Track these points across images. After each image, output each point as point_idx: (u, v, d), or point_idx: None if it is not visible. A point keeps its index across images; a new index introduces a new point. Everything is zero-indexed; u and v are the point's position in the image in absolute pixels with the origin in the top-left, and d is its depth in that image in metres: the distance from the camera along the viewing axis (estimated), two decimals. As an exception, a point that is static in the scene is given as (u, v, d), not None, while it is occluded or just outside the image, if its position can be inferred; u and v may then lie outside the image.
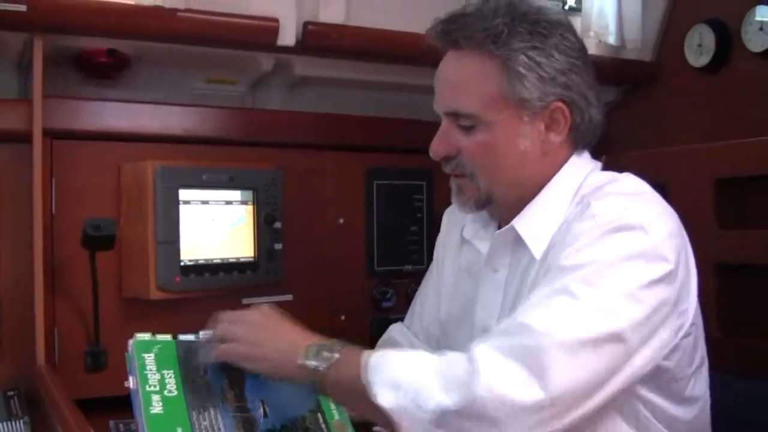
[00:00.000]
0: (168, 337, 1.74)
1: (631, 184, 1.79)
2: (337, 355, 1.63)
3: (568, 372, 1.49)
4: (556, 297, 1.56)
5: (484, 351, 1.51)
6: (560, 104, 1.75)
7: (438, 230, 2.85)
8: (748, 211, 2.65)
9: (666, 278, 1.62)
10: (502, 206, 1.84)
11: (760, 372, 2.29)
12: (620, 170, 1.85)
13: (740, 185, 2.63)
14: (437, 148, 1.84)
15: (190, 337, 1.77)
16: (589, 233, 1.63)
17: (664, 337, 1.64)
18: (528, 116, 1.74)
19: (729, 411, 1.91)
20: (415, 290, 2.82)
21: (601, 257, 1.58)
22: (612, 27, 2.82)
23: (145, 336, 1.73)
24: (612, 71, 3.00)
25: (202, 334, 1.78)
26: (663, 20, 3.10)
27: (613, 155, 1.89)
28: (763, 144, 2.53)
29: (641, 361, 1.59)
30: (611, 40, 2.83)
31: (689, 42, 3.00)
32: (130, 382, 1.62)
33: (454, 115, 1.78)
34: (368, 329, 2.76)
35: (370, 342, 2.68)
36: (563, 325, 1.51)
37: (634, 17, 2.89)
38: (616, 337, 1.54)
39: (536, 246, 1.77)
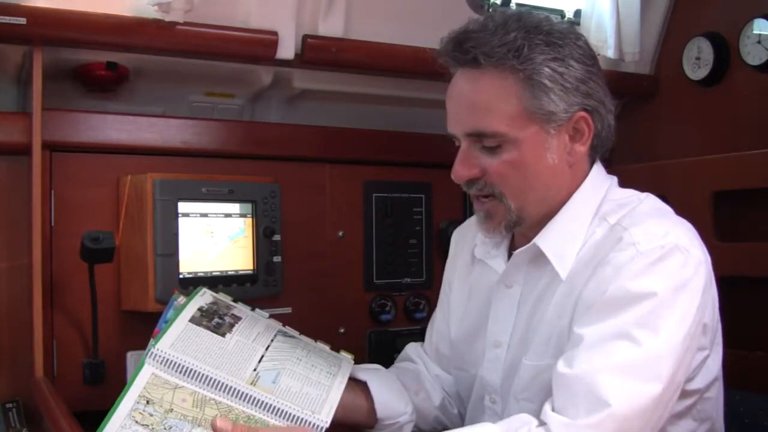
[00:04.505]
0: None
1: (656, 204, 1.80)
2: None
3: (642, 429, 1.55)
4: (617, 342, 1.57)
5: (563, 427, 1.52)
6: (583, 114, 1.72)
7: (437, 243, 2.88)
8: (746, 224, 2.65)
9: (704, 301, 1.66)
10: (531, 223, 1.79)
11: (760, 385, 2.29)
12: (618, 183, 1.85)
13: (738, 198, 2.63)
14: (461, 171, 1.76)
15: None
16: (633, 263, 1.62)
17: (693, 363, 1.71)
18: (554, 129, 1.71)
19: (727, 423, 1.91)
20: (414, 303, 2.84)
21: (652, 291, 1.59)
22: (610, 40, 2.82)
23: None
24: (610, 84, 2.99)
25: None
26: (661, 33, 3.11)
27: (611, 168, 1.89)
28: (761, 157, 2.54)
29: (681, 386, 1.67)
30: (609, 53, 2.83)
31: (687, 55, 3.01)
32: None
33: (477, 136, 1.73)
34: (366, 342, 2.76)
35: (369, 355, 2.70)
36: (632, 386, 1.53)
37: (632, 30, 2.89)
38: (673, 379, 1.59)
39: (561, 265, 1.75)
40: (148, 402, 1.64)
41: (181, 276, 2.28)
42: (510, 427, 1.57)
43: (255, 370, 1.75)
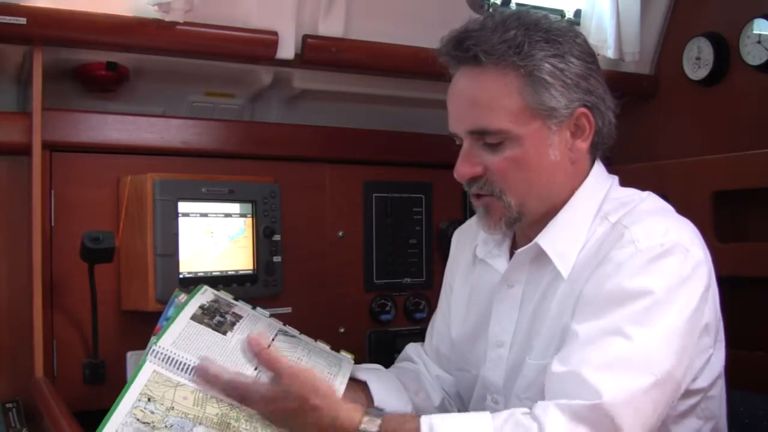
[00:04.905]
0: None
1: (657, 203, 1.80)
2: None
3: (636, 423, 1.53)
4: (610, 338, 1.57)
5: (553, 417, 1.51)
6: (584, 110, 1.73)
7: (437, 243, 2.88)
8: (746, 224, 2.65)
9: (704, 301, 1.66)
10: (531, 220, 1.79)
11: (760, 384, 2.29)
12: (619, 183, 1.85)
13: (738, 198, 2.63)
14: (464, 169, 1.76)
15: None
16: (632, 261, 1.62)
17: (698, 363, 1.72)
18: (555, 125, 1.71)
19: (728, 423, 1.91)
20: (414, 303, 2.84)
21: (649, 289, 1.59)
22: (610, 40, 2.82)
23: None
24: (610, 84, 2.99)
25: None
26: (661, 33, 3.11)
27: (612, 168, 1.88)
28: (761, 157, 2.54)
29: (684, 387, 1.67)
30: (609, 53, 2.83)
31: (687, 55, 3.01)
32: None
33: (480, 134, 1.73)
34: (366, 342, 2.76)
35: (369, 355, 2.69)
36: (622, 378, 1.53)
37: (632, 30, 2.89)
38: (669, 376, 1.58)
39: (563, 264, 1.74)
40: (149, 399, 1.64)
41: (181, 276, 2.28)
42: (501, 418, 1.57)
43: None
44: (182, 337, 1.74)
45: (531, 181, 1.74)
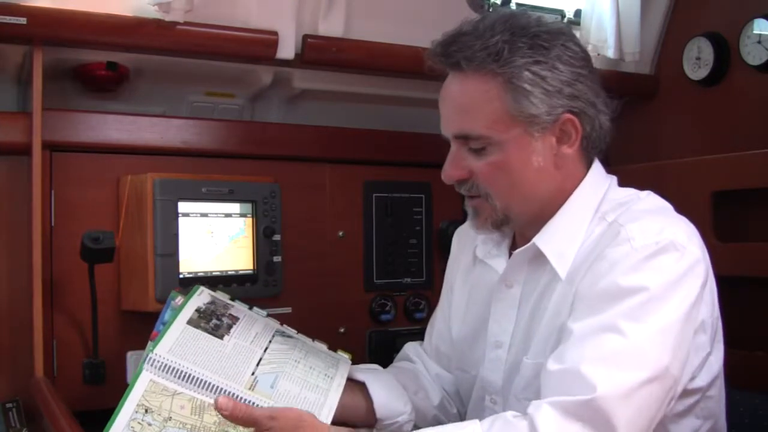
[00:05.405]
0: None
1: (655, 202, 1.79)
2: None
3: (631, 418, 1.52)
4: (604, 335, 1.56)
5: (545, 415, 1.51)
6: (569, 116, 1.71)
7: (437, 243, 2.88)
8: (746, 224, 2.65)
9: (700, 299, 1.66)
10: (519, 223, 1.81)
11: (760, 384, 2.29)
12: (618, 183, 1.85)
13: (738, 198, 2.63)
14: (450, 172, 1.78)
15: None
16: (627, 258, 1.62)
17: (695, 362, 1.71)
18: (538, 132, 1.70)
19: (727, 423, 1.91)
20: (414, 303, 2.84)
21: (643, 286, 1.59)
22: (610, 40, 2.82)
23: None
24: (610, 84, 2.98)
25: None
26: (661, 33, 3.12)
27: (611, 168, 1.88)
28: (761, 157, 2.54)
29: (681, 386, 1.66)
30: (609, 53, 2.83)
31: (687, 55, 3.01)
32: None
33: (463, 138, 1.74)
34: (366, 342, 2.76)
35: (369, 355, 2.69)
36: (617, 373, 1.53)
37: (632, 30, 2.90)
38: (665, 372, 1.57)
39: (560, 264, 1.74)
40: (146, 411, 1.63)
41: (181, 276, 2.27)
42: (489, 420, 1.58)
43: (253, 374, 1.74)
44: (178, 343, 1.73)
45: (515, 186, 1.75)
